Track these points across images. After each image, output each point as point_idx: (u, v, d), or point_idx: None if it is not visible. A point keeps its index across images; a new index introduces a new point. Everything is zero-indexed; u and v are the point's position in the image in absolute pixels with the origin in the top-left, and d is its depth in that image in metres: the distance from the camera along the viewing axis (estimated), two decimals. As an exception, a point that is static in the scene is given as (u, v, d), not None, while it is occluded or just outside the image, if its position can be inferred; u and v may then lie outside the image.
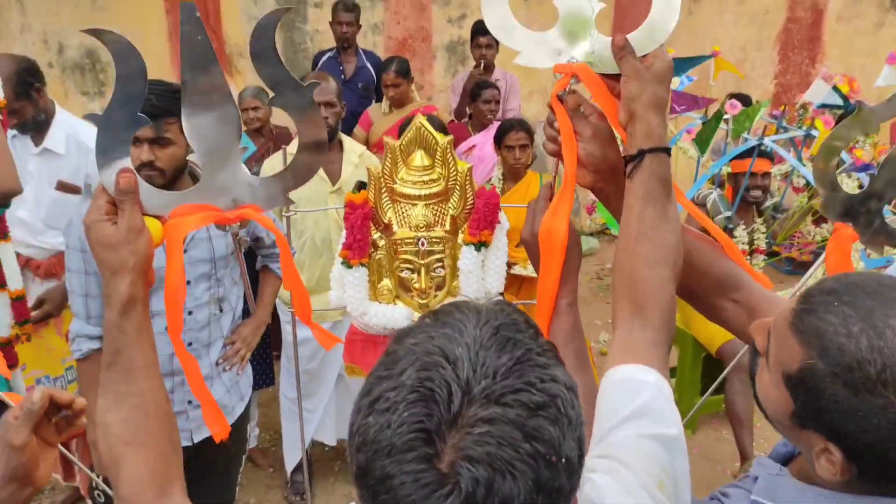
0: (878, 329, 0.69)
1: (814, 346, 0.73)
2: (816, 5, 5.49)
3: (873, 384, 0.68)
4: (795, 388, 0.75)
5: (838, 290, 0.74)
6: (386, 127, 4.05)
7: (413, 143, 1.48)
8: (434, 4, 5.18)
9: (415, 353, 0.60)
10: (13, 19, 5.02)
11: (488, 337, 0.61)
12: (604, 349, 4.36)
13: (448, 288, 1.57)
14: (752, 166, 3.37)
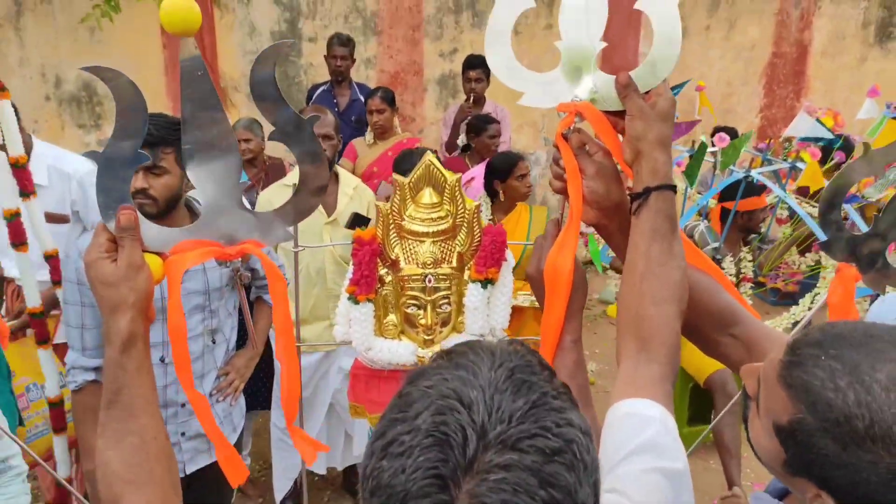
0: (865, 383, 0.70)
1: (802, 400, 0.73)
2: (801, 41, 5.61)
3: (862, 439, 0.69)
4: (786, 439, 0.75)
5: (825, 343, 0.75)
6: (372, 158, 4.10)
7: (422, 181, 1.49)
8: (426, 39, 5.28)
9: (430, 396, 0.60)
10: (12, 53, 5.09)
11: (503, 380, 0.61)
12: (592, 379, 4.35)
13: (453, 324, 1.57)
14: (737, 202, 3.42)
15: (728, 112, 5.66)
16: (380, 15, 5.23)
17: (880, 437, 0.68)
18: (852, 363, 0.71)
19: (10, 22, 5.03)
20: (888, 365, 0.70)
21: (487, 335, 1.58)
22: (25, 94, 5.11)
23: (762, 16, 5.51)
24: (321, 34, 5.09)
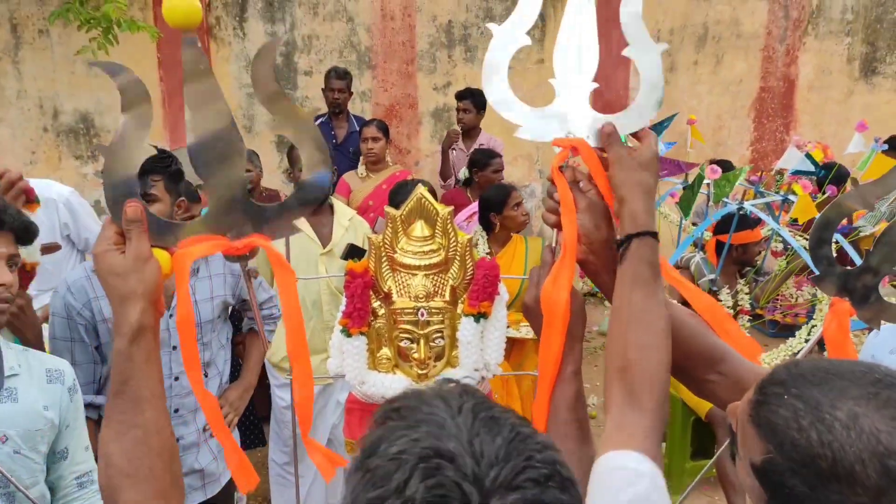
0: (826, 422, 0.71)
1: (770, 440, 0.74)
2: (788, 76, 5.73)
3: (827, 479, 0.69)
4: (762, 478, 0.76)
5: (787, 382, 0.76)
6: (366, 192, 4.11)
7: (414, 214, 1.49)
8: (420, 73, 5.35)
9: (407, 462, 0.57)
10: (9, 85, 5.12)
11: (472, 423, 0.60)
12: (593, 413, 4.31)
13: (447, 358, 1.56)
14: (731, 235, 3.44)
15: (719, 145, 5.74)
16: (374, 49, 5.30)
17: (844, 476, 0.68)
18: (814, 401, 0.72)
19: (9, 55, 5.06)
20: (848, 402, 0.71)
21: (482, 370, 1.57)
22: (23, 126, 5.12)
23: (748, 51, 5.64)
24: (316, 68, 5.15)
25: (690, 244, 3.79)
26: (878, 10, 5.69)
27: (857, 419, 0.70)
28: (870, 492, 0.68)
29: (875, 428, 0.69)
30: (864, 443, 0.69)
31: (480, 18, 5.33)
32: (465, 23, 5.35)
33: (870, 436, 0.69)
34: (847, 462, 0.69)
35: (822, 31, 5.68)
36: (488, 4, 5.29)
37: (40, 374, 1.56)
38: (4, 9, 4.97)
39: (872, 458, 0.68)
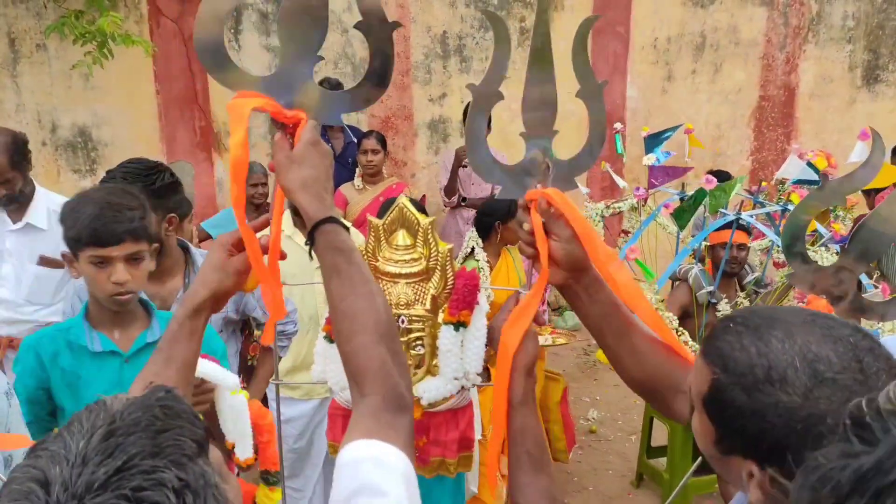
0: (763, 338, 0.78)
1: (717, 364, 0.80)
2: (788, 84, 5.68)
3: (762, 383, 0.76)
4: (709, 407, 0.82)
5: (734, 315, 0.84)
6: (363, 204, 4.12)
7: (395, 223, 1.54)
8: (415, 84, 5.34)
9: (13, 483, 0.57)
10: (8, 99, 5.15)
11: (94, 447, 0.58)
12: (593, 427, 4.27)
13: (427, 367, 1.58)
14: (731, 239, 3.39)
15: (719, 155, 5.70)
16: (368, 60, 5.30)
17: (777, 379, 0.75)
18: (754, 325, 0.80)
19: (7, 69, 5.10)
20: (784, 325, 0.78)
21: (461, 378, 1.58)
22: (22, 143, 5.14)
23: (747, 60, 5.59)
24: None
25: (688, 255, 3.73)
26: (879, 17, 5.64)
27: (792, 335, 0.77)
28: (798, 390, 0.74)
29: (807, 340, 0.76)
30: (796, 351, 0.76)
31: (475, 29, 5.33)
32: (459, 33, 5.35)
33: (802, 346, 0.76)
34: (780, 367, 0.75)
35: (822, 39, 5.63)
36: (482, 15, 5.29)
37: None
38: (3, 23, 5.01)
39: (803, 363, 0.75)
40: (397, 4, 5.24)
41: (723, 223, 3.52)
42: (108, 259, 1.60)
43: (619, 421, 4.37)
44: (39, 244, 2.52)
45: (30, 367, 1.69)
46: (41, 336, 1.73)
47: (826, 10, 5.57)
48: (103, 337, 1.68)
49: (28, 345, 1.71)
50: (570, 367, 5.09)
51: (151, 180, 1.94)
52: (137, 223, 1.62)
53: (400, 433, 0.87)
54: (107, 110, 5.16)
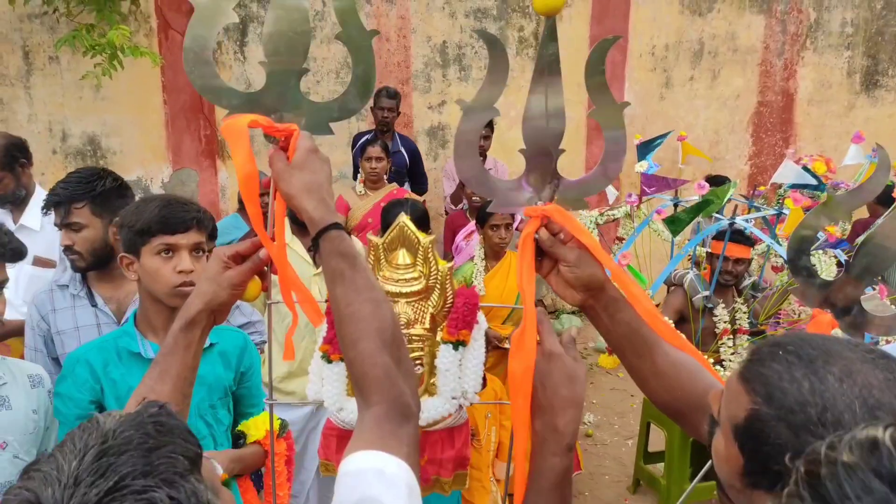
0: (819, 374, 0.71)
1: (759, 392, 0.74)
2: (787, 90, 5.69)
3: (815, 425, 0.69)
4: (743, 437, 0.76)
5: (784, 342, 0.77)
6: (365, 210, 4.17)
7: (396, 242, 1.51)
8: (415, 92, 5.43)
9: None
10: (21, 109, 5.30)
11: (87, 467, 0.59)
12: (590, 431, 4.28)
13: (426, 386, 1.56)
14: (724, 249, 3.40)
15: (717, 160, 5.71)
16: (370, 70, 5.40)
17: (832, 422, 0.68)
18: (809, 358, 0.73)
19: (21, 80, 5.25)
20: (842, 361, 0.72)
21: (459, 398, 1.57)
22: (33, 148, 5.20)
23: (745, 66, 5.62)
24: (314, 89, 5.25)
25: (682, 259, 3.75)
26: (878, 23, 5.65)
27: (852, 374, 0.71)
28: None
29: (868, 382, 0.70)
30: (856, 394, 0.69)
31: (475, 39, 5.41)
32: (459, 43, 5.43)
33: (862, 388, 0.69)
34: (837, 410, 0.69)
35: (821, 45, 5.64)
36: (482, 25, 5.37)
37: (24, 380, 1.65)
38: (17, 37, 5.17)
39: (863, 408, 0.68)
40: (398, 15, 5.35)
41: (717, 228, 3.55)
42: (175, 248, 1.63)
43: (615, 425, 4.35)
44: (33, 245, 2.58)
45: (82, 380, 1.63)
46: (89, 348, 1.70)
47: (824, 17, 5.60)
48: (154, 345, 1.67)
49: (77, 358, 1.67)
50: (568, 370, 5.10)
51: (92, 186, 1.96)
52: (202, 214, 1.68)
53: (403, 443, 0.85)
54: (116, 120, 5.30)
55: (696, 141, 5.70)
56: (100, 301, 2.00)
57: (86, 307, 1.99)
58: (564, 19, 5.32)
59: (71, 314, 1.98)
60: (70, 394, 1.63)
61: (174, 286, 1.63)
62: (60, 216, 1.93)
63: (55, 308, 1.98)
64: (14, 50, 5.19)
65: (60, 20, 4.95)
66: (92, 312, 1.99)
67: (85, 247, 1.92)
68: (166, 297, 1.65)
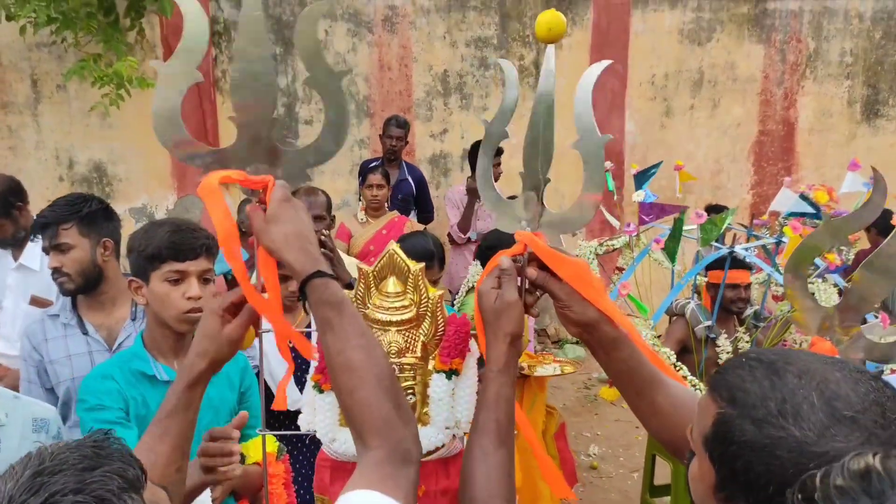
0: (778, 373, 0.75)
1: (724, 397, 0.77)
2: (787, 119, 5.71)
3: (774, 417, 0.72)
4: (712, 444, 0.77)
5: (747, 353, 0.81)
6: (367, 237, 4.18)
7: (386, 270, 1.52)
8: (417, 121, 5.47)
9: None
10: (29, 137, 5.38)
11: (21, 485, 0.62)
12: (594, 463, 4.21)
13: (418, 415, 1.55)
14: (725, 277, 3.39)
15: (718, 189, 5.71)
16: (371, 98, 5.46)
17: (791, 413, 0.71)
18: (769, 361, 0.77)
19: (29, 108, 5.33)
20: (801, 362, 0.75)
21: (452, 427, 1.56)
22: (40, 176, 5.35)
23: (745, 95, 5.64)
24: (317, 117, 5.31)
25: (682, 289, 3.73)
26: (878, 53, 5.68)
27: (810, 371, 0.74)
28: (814, 426, 0.70)
29: (825, 377, 0.73)
30: (813, 387, 0.72)
31: (475, 67, 5.47)
32: (460, 72, 5.49)
33: (819, 382, 0.72)
34: (795, 402, 0.71)
35: (820, 75, 5.67)
36: (483, 54, 5.43)
37: (26, 423, 1.57)
38: (26, 66, 5.26)
39: (820, 399, 0.71)
40: (399, 45, 5.42)
41: (716, 257, 3.53)
42: (184, 275, 1.64)
43: (620, 457, 4.28)
44: (32, 284, 2.59)
45: (112, 390, 1.62)
46: (108, 367, 1.69)
47: (823, 46, 5.63)
48: (165, 367, 1.68)
49: (100, 375, 1.66)
50: (570, 401, 5.05)
51: (79, 208, 2.00)
52: (210, 241, 1.69)
53: (401, 485, 0.85)
54: (122, 147, 5.36)
55: (697, 170, 5.71)
56: (90, 328, 2.01)
57: (77, 335, 2.00)
58: (564, 48, 5.37)
59: (63, 343, 1.99)
60: (102, 403, 1.62)
61: (183, 312, 1.65)
62: (49, 238, 1.95)
63: (47, 338, 1.99)
64: (23, 78, 5.27)
65: (68, 50, 5.04)
66: (83, 340, 1.99)
67: (74, 268, 1.94)
68: (175, 323, 1.67)
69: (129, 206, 5.36)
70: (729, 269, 3.40)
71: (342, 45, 5.36)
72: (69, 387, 1.94)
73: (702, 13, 5.50)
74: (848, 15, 5.58)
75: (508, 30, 5.38)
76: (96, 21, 4.62)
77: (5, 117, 5.33)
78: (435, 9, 5.38)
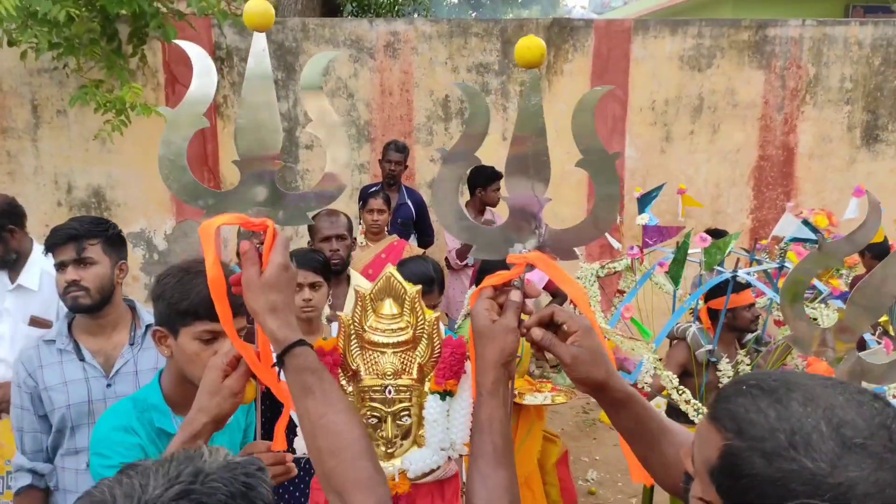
0: (782, 402, 0.74)
1: (729, 428, 0.75)
2: (787, 144, 5.73)
3: (785, 449, 0.71)
4: (719, 477, 0.76)
5: (745, 379, 0.79)
6: (366, 261, 4.17)
7: (383, 292, 1.53)
8: (417, 145, 5.49)
9: (89, 495, 0.63)
10: (28, 162, 5.38)
11: (167, 500, 0.63)
12: (592, 489, 4.17)
13: (414, 437, 1.57)
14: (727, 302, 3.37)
15: (718, 213, 5.71)
16: (372, 123, 5.48)
17: (801, 444, 0.70)
18: (770, 388, 0.76)
19: (28, 133, 5.35)
20: (802, 388, 0.75)
21: (448, 449, 1.56)
22: (38, 201, 5.35)
23: (745, 120, 5.67)
24: (317, 142, 5.32)
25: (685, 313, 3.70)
26: (877, 79, 5.71)
27: (814, 398, 0.73)
28: (826, 457, 0.69)
29: (830, 403, 0.72)
30: (819, 415, 0.71)
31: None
32: (461, 97, 5.52)
33: (825, 409, 0.72)
34: (804, 432, 0.70)
35: (820, 100, 5.70)
36: (484, 79, 5.46)
37: None
38: (27, 90, 5.29)
39: (829, 427, 0.70)
40: (401, 70, 5.45)
41: (719, 280, 3.52)
42: (219, 335, 1.53)
43: (619, 482, 4.26)
44: (30, 305, 2.59)
45: (134, 446, 1.53)
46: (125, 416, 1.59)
47: (823, 73, 5.67)
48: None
49: (120, 426, 1.56)
50: (568, 425, 5.01)
51: (105, 227, 2.06)
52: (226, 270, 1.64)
53: None
54: (121, 172, 5.36)
55: (697, 194, 5.71)
56: (87, 355, 1.99)
57: (73, 361, 1.97)
58: (565, 74, 5.40)
59: (59, 369, 1.96)
60: (126, 462, 1.55)
61: None
62: (75, 250, 1.96)
63: (42, 364, 1.96)
64: (23, 104, 5.30)
65: (70, 75, 5.06)
66: (80, 366, 1.97)
67: (94, 283, 1.95)
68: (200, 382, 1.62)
69: (128, 231, 5.35)
70: (736, 293, 3.39)
71: (344, 71, 5.40)
72: (64, 414, 1.92)
73: (702, 40, 5.54)
74: (847, 42, 5.62)
75: (510, 55, 5.41)
76: (99, 47, 4.65)
77: (4, 142, 5.35)
78: (437, 35, 5.42)
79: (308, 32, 5.38)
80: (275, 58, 5.36)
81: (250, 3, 1.08)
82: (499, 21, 5.61)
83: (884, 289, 1.30)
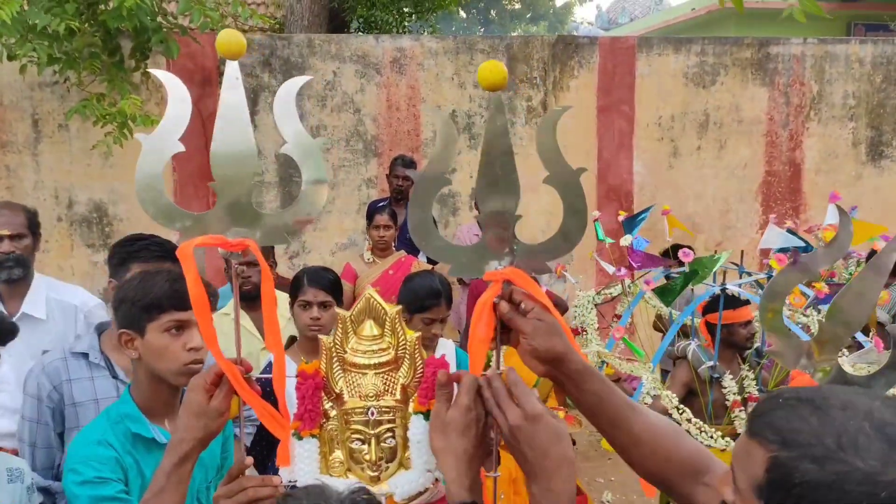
0: (822, 409, 0.75)
1: (773, 440, 0.76)
2: (794, 160, 5.75)
3: (834, 452, 0.71)
4: (768, 492, 0.75)
5: (778, 393, 0.80)
6: (373, 277, 4.12)
7: (363, 313, 1.52)
8: (424, 160, 5.46)
9: None
10: (27, 177, 5.30)
11: None
12: (606, 510, 4.10)
13: (399, 459, 1.54)
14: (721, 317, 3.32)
15: (728, 228, 5.71)
16: (379, 138, 5.44)
17: (850, 446, 0.71)
18: (807, 398, 0.77)
19: (28, 148, 5.27)
20: (837, 396, 0.76)
21: (434, 471, 1.53)
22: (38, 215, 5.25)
23: (751, 136, 5.69)
24: (325, 156, 5.28)
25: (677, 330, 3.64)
26: (879, 96, 5.77)
27: (851, 403, 0.75)
28: (876, 455, 0.70)
29: (867, 406, 0.74)
30: (861, 418, 0.73)
31: (483, 108, 5.48)
32: (468, 112, 5.50)
33: (866, 413, 0.73)
34: (850, 434, 0.72)
35: (825, 117, 5.74)
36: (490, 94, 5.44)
37: (2, 473, 1.58)
38: (27, 104, 5.22)
39: (872, 427, 0.72)
40: (408, 85, 5.43)
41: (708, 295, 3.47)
42: (185, 325, 1.56)
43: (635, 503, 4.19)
44: (39, 336, 2.34)
45: (109, 459, 1.50)
46: (98, 429, 1.57)
47: (826, 89, 5.71)
48: (160, 429, 1.59)
49: (93, 440, 1.53)
50: (583, 445, 4.93)
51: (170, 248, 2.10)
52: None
53: None
54: (124, 187, 5.28)
55: (706, 210, 5.71)
56: (121, 373, 1.89)
57: (106, 378, 1.88)
58: (571, 90, 5.41)
59: (89, 385, 1.87)
60: (102, 475, 1.49)
61: (184, 364, 1.56)
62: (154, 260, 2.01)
63: (70, 378, 1.86)
64: (23, 118, 5.22)
65: (71, 89, 5.00)
66: (113, 384, 1.88)
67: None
68: (173, 377, 1.58)
69: (129, 247, 5.26)
70: (731, 310, 3.34)
71: (350, 86, 5.37)
72: None
73: (705, 57, 5.58)
74: (849, 59, 5.68)
75: (516, 71, 5.41)
76: (100, 61, 4.60)
77: (3, 157, 5.26)
78: (443, 51, 5.42)
79: (314, 48, 5.37)
80: (281, 73, 5.33)
81: (222, 33, 1.11)
82: (504, 38, 5.62)
83: (861, 301, 1.30)
